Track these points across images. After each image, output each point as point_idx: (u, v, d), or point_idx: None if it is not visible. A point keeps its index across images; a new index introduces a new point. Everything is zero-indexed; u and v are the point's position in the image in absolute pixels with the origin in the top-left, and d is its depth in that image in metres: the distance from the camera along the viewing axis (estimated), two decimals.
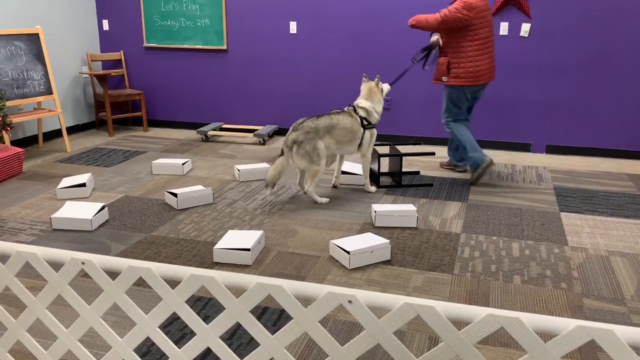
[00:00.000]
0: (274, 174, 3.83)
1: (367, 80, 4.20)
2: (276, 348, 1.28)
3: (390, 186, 4.34)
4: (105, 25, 6.37)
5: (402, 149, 5.40)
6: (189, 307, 1.31)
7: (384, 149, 5.24)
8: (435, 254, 3.13)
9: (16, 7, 5.28)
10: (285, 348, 1.46)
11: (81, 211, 3.51)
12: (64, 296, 1.40)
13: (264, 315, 2.48)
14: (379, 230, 3.45)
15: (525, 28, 5.19)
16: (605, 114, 5.21)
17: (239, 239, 3.08)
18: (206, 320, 2.42)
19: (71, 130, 6.11)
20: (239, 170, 4.47)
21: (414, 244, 3.27)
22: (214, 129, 5.96)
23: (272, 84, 6.03)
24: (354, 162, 4.78)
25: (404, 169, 4.73)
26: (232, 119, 6.28)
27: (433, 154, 4.96)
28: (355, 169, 4.43)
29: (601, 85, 5.15)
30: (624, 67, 5.05)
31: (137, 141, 5.82)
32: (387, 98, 5.67)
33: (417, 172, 4.67)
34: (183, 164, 4.61)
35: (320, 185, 4.34)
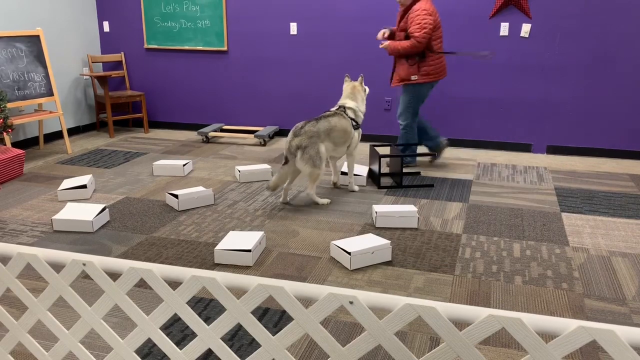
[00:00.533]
0: (278, 182, 3.86)
1: (349, 80, 4.24)
2: (277, 349, 1.28)
3: (391, 187, 4.34)
4: (106, 26, 6.38)
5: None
6: (190, 308, 1.31)
7: (384, 150, 5.24)
8: (436, 255, 3.13)
9: (17, 8, 5.29)
10: (286, 349, 1.46)
11: (82, 213, 3.51)
12: (65, 297, 1.40)
13: (265, 316, 2.48)
14: (379, 231, 3.45)
15: (525, 28, 5.19)
16: (606, 114, 5.20)
17: (239, 240, 3.08)
18: (207, 321, 2.43)
19: (72, 131, 6.11)
20: (239, 171, 4.47)
21: (415, 244, 3.27)
22: (215, 130, 5.96)
23: (273, 85, 6.03)
24: (356, 163, 4.77)
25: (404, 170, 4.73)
26: (233, 120, 6.29)
27: (434, 154, 4.94)
28: (356, 170, 4.43)
29: (602, 85, 5.15)
30: (625, 67, 5.05)
31: (137, 142, 5.82)
32: (387, 98, 5.67)
33: (418, 173, 4.67)
34: (184, 165, 4.62)
35: (321, 186, 4.34)
